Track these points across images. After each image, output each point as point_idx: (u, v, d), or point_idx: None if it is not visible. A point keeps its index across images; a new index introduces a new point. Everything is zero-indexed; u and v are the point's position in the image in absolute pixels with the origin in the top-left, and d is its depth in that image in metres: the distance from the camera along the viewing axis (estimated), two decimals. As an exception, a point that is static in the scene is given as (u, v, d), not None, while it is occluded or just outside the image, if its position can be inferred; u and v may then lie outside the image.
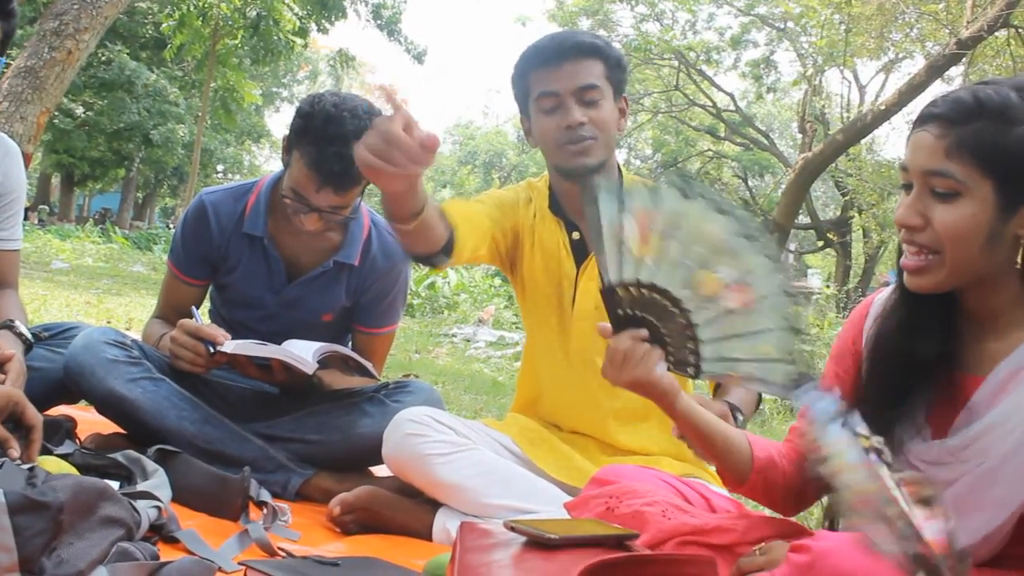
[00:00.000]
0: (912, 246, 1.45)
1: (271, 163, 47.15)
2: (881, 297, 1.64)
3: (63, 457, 2.02)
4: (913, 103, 13.64)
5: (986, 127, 1.38)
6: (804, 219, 21.21)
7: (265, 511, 2.17)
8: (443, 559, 1.79)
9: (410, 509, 2.27)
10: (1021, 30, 12.90)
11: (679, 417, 1.61)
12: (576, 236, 2.37)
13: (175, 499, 2.04)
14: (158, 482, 1.99)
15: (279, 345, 2.50)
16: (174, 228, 2.88)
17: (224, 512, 2.14)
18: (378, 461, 2.41)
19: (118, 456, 2.11)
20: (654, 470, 1.94)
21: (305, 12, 19.36)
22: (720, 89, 22.63)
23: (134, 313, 7.50)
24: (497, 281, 15.78)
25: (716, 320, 1.48)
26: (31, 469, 1.66)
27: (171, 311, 2.75)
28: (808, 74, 19.69)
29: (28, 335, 2.30)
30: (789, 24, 19.75)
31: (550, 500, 2.15)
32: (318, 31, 20.92)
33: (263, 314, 2.71)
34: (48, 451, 2.04)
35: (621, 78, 2.33)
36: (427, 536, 2.23)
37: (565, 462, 2.30)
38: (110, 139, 27.10)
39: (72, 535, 1.55)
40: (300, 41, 19.99)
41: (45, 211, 30.55)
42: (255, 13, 18.76)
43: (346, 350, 2.58)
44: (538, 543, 1.40)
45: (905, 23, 16.26)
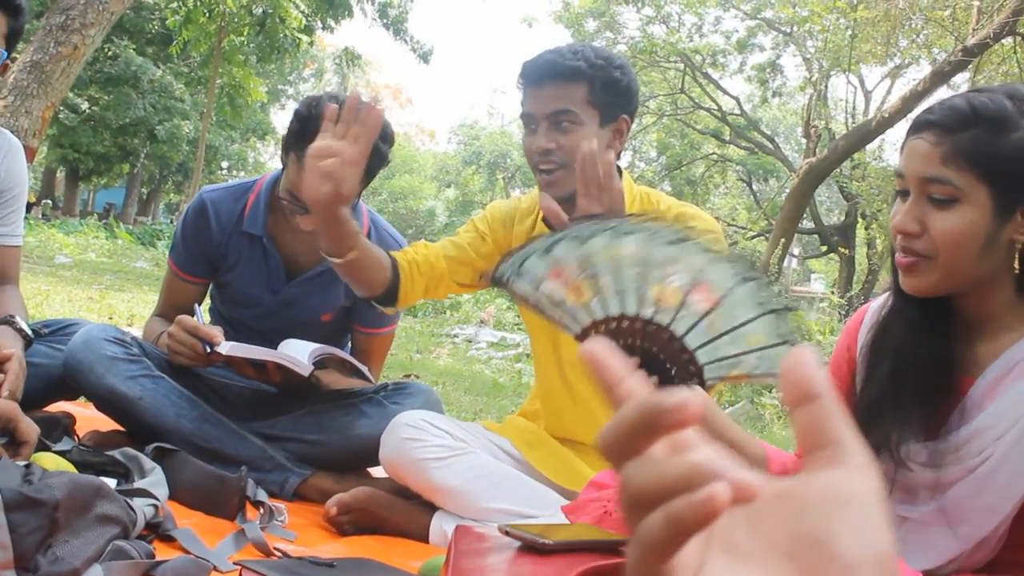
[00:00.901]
0: (908, 253, 1.46)
1: (275, 160, 46.90)
2: (877, 304, 1.64)
3: (61, 454, 2.02)
4: (917, 110, 13.62)
5: (982, 134, 1.39)
6: (808, 224, 21.18)
7: (262, 511, 2.17)
8: (438, 561, 1.79)
9: (407, 511, 2.27)
10: (1027, 38, 12.88)
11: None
12: None
13: (172, 497, 2.04)
14: (155, 480, 1.99)
15: (277, 344, 2.50)
16: (176, 225, 2.89)
17: (221, 511, 2.14)
18: (376, 462, 2.40)
19: (116, 453, 2.11)
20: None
21: (311, 10, 19.37)
22: (726, 92, 22.64)
23: (136, 309, 7.51)
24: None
25: (696, 326, 1.46)
26: (28, 466, 1.66)
27: (171, 309, 2.75)
28: (814, 79, 19.68)
29: (28, 331, 2.30)
30: (795, 28, 19.75)
31: (548, 504, 2.14)
32: (323, 29, 20.93)
33: (262, 312, 2.71)
34: (46, 448, 2.04)
35: (614, 101, 2.19)
36: (423, 538, 2.23)
37: (564, 466, 2.30)
38: (115, 134, 27.11)
39: (68, 533, 1.55)
40: (306, 39, 19.98)
41: (49, 205, 30.56)
42: (261, 10, 18.76)
43: (342, 353, 2.58)
44: (533, 548, 1.40)
45: (911, 29, 16.26)
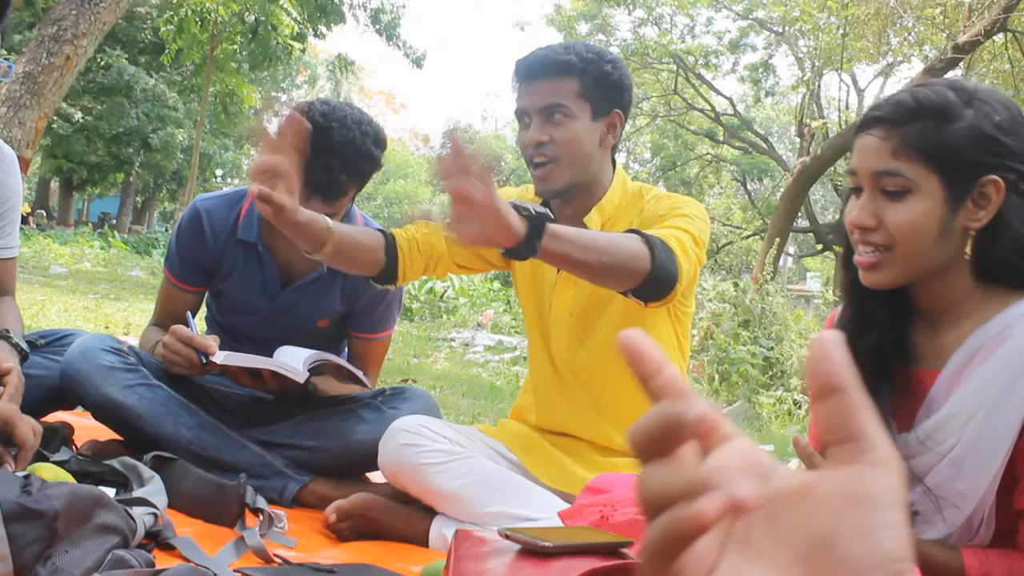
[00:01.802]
0: (866, 246, 1.49)
1: (270, 167, 46.97)
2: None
3: (59, 464, 2.03)
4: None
5: (928, 125, 1.44)
6: (803, 223, 21.21)
7: (261, 518, 2.17)
8: (439, 566, 1.79)
9: (406, 515, 2.27)
10: (1018, 34, 12.91)
11: None
12: None
13: (171, 506, 2.04)
14: (154, 489, 1.99)
15: (274, 351, 2.50)
16: (172, 233, 2.89)
17: (220, 519, 2.14)
18: (375, 467, 2.41)
19: (114, 463, 2.11)
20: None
21: (303, 17, 19.36)
22: (719, 93, 22.67)
23: (132, 318, 7.50)
24: (496, 285, 15.79)
25: None
26: (27, 477, 1.67)
27: (168, 318, 2.74)
28: (806, 78, 19.71)
29: (24, 345, 2.29)
30: (787, 28, 19.78)
31: (546, 507, 2.14)
32: (315, 36, 20.92)
33: (258, 320, 2.71)
34: (44, 458, 2.04)
35: (606, 94, 2.23)
36: (423, 542, 2.23)
37: (558, 469, 2.31)
38: (109, 144, 27.09)
39: (67, 543, 1.55)
40: (298, 46, 19.97)
41: (43, 216, 30.53)
42: (253, 18, 18.76)
43: (337, 359, 2.58)
44: (532, 551, 1.40)
45: (903, 27, 16.28)
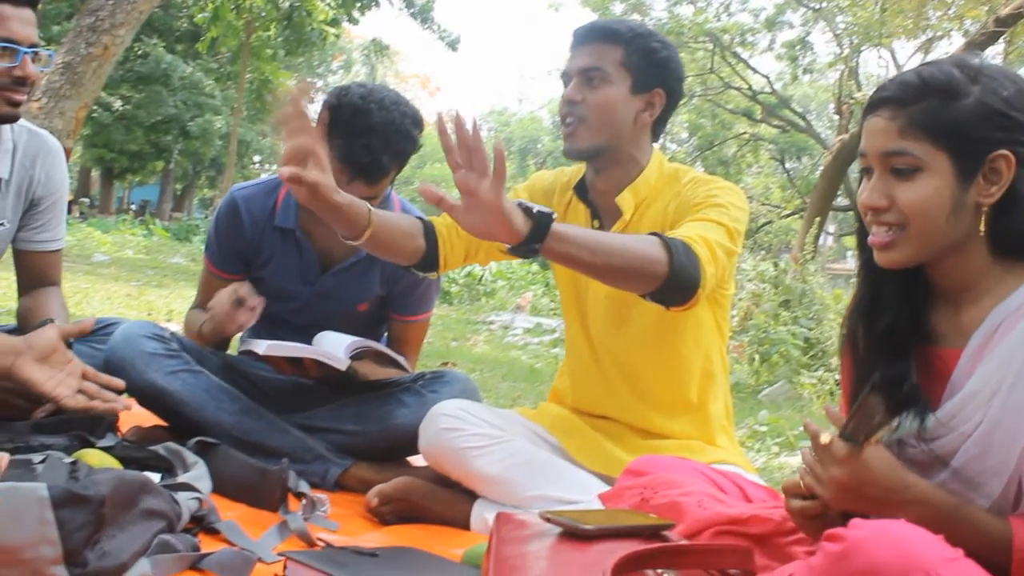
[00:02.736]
0: (880, 226, 1.49)
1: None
2: None
3: (105, 450, 2.05)
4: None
5: (934, 103, 1.44)
6: (843, 201, 21.00)
7: (304, 502, 2.19)
8: (481, 548, 1.80)
9: (447, 499, 2.28)
10: (1062, 6, 12.68)
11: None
12: (596, 224, 2.35)
13: (215, 490, 2.06)
14: (198, 474, 2.01)
15: (313, 337, 2.52)
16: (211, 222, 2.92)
17: (263, 503, 2.16)
18: (415, 451, 2.42)
19: (159, 448, 2.13)
20: (688, 460, 1.93)
21: (337, 2, 19.39)
22: (755, 71, 22.47)
23: (174, 305, 7.57)
24: (535, 267, 15.76)
25: None
26: (74, 463, 1.69)
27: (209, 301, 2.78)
28: (844, 55, 19.48)
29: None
30: (825, 4, 19.56)
31: (587, 489, 2.14)
32: (348, 21, 20.95)
33: (298, 306, 2.72)
34: (90, 444, 2.07)
35: (649, 70, 2.25)
36: (464, 526, 2.24)
37: (598, 451, 2.30)
38: (148, 132, 27.31)
39: (114, 528, 1.57)
40: (333, 31, 20.03)
41: (86, 204, 30.86)
42: (288, 4, 18.83)
43: (379, 345, 2.59)
44: (573, 534, 1.40)
45: (942, 2, 16.04)
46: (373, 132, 2.40)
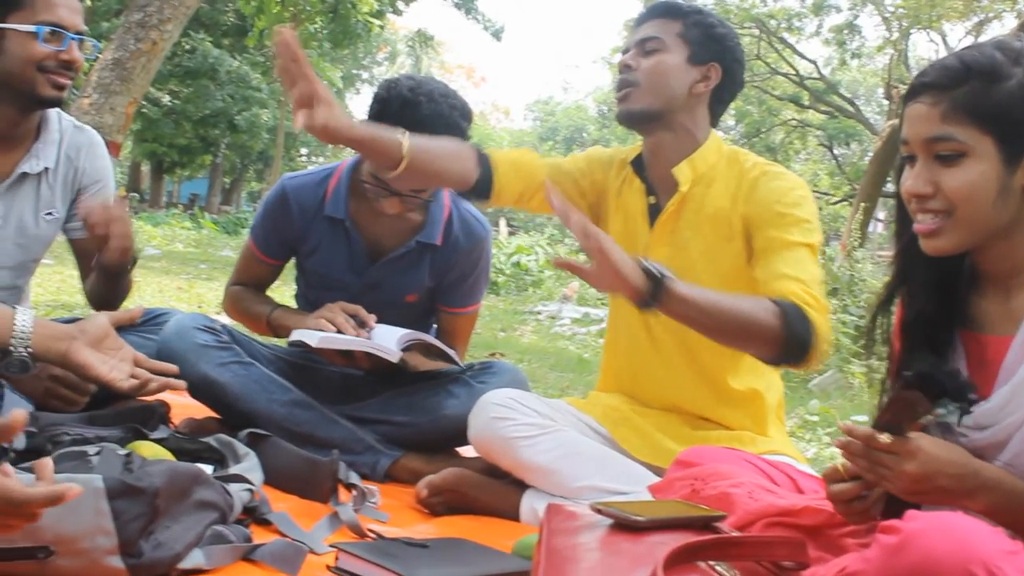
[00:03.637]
0: (925, 213, 1.48)
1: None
2: None
3: (158, 442, 2.07)
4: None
5: (976, 87, 1.42)
6: (893, 187, 20.72)
7: (354, 493, 2.20)
8: (531, 539, 1.79)
9: (497, 490, 2.28)
10: (1119, -15, 12.42)
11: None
12: (652, 200, 2.35)
13: (266, 482, 2.07)
14: (250, 465, 2.02)
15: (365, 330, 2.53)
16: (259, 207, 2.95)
17: (314, 494, 2.18)
18: (465, 442, 2.42)
19: (211, 440, 2.15)
20: (739, 451, 1.92)
21: (382, -6, 19.46)
22: (803, 56, 22.22)
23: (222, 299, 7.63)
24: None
25: None
26: (128, 455, 1.71)
27: (249, 280, 2.86)
28: (893, 38, 19.21)
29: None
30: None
31: (637, 480, 2.14)
32: (393, 12, 21.00)
33: (347, 295, 2.73)
34: (143, 436, 2.09)
35: (707, 43, 2.27)
36: (514, 517, 2.24)
37: (648, 442, 2.29)
38: (196, 126, 27.59)
39: (168, 519, 1.59)
40: (378, 23, 20.09)
41: (136, 198, 31.22)
42: (334, -3, 18.91)
43: (430, 338, 2.59)
44: (625, 525, 1.39)
45: (995, -18, 15.77)
46: (422, 125, 2.41)
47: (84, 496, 1.42)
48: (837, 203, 25.72)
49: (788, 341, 1.94)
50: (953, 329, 1.54)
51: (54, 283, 6.97)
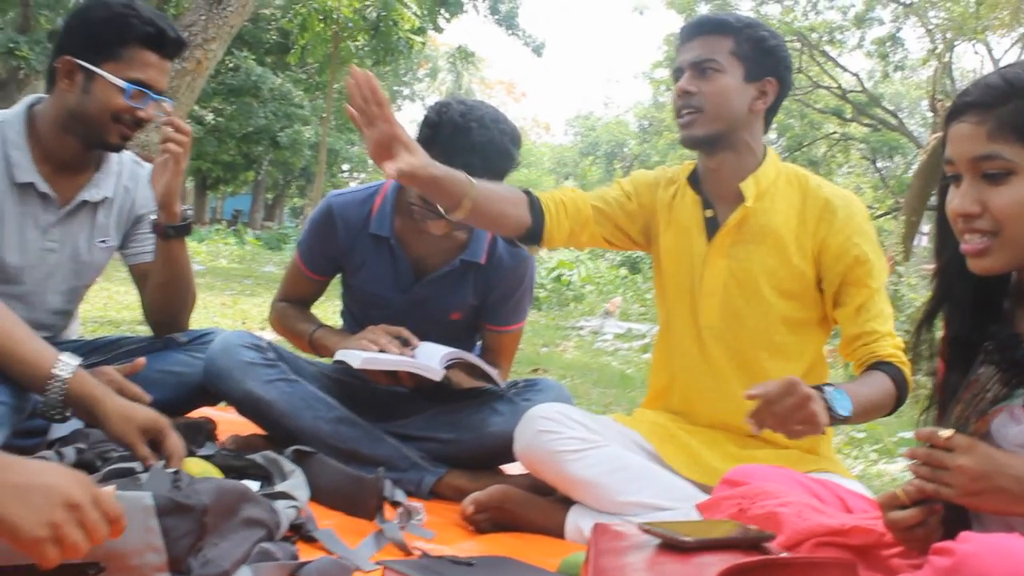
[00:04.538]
0: (972, 234, 1.46)
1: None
2: None
3: (205, 458, 2.09)
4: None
5: (1021, 105, 1.41)
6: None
7: (400, 510, 2.20)
8: (577, 558, 1.79)
9: (542, 507, 2.28)
10: None
11: None
12: (709, 214, 2.36)
13: (312, 499, 2.09)
14: (296, 482, 2.03)
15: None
16: (305, 224, 2.99)
17: (360, 511, 2.18)
18: (509, 459, 2.42)
19: (257, 457, 2.17)
20: (786, 469, 1.90)
21: (423, 11, 19.56)
22: (845, 70, 22.09)
23: (268, 314, 7.68)
24: (623, 272, 15.69)
25: None
26: (176, 473, 1.72)
27: (295, 296, 2.90)
28: (937, 50, 19.04)
29: None
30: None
31: (683, 497, 2.13)
32: (434, 29, 21.11)
33: (392, 312, 2.74)
34: (191, 453, 2.11)
35: (760, 59, 2.28)
36: (559, 534, 2.23)
37: (695, 460, 2.28)
38: (239, 143, 27.85)
39: (216, 536, 1.60)
40: (419, 39, 20.21)
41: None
42: (375, 14, 19.04)
43: (473, 358, 2.59)
44: (673, 545, 1.39)
45: (1041, -7, 15.59)
46: (473, 151, 2.41)
47: (134, 513, 1.44)
48: (881, 216, 25.46)
49: (899, 406, 2.16)
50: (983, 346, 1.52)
51: (101, 299, 7.05)
